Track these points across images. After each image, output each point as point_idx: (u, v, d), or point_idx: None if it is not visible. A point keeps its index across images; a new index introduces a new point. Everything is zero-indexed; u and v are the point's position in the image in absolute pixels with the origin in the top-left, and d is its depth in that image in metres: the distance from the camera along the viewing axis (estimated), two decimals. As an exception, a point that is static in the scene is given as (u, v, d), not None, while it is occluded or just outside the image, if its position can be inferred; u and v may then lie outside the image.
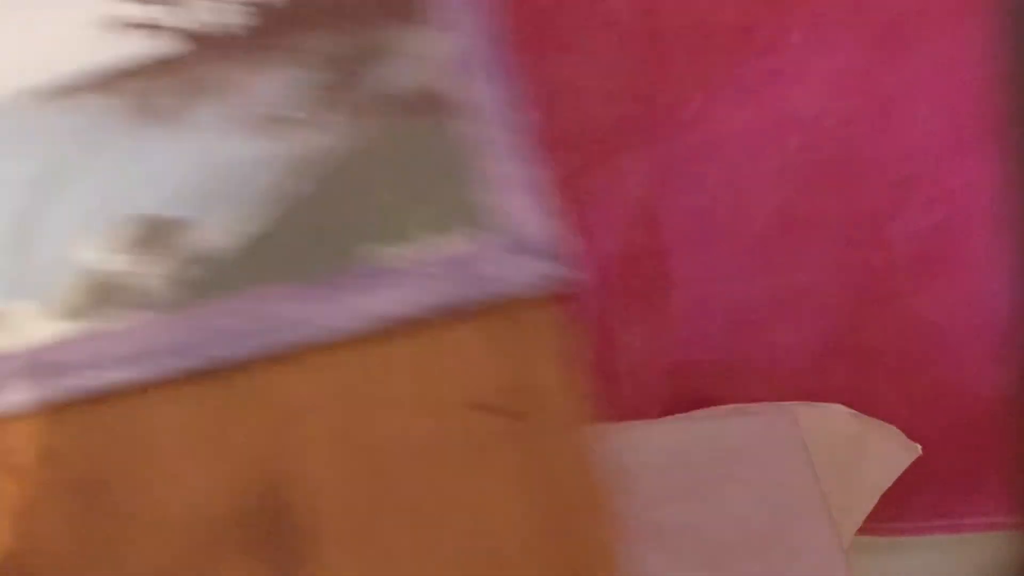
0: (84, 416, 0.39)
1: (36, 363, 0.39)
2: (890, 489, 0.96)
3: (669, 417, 0.94)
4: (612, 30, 0.70)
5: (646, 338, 0.91)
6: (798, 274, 0.87)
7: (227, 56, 0.45)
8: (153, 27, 0.45)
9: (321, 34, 0.45)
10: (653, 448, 0.90)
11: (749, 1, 0.70)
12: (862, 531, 1.01)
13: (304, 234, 0.42)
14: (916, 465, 0.95)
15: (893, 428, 0.95)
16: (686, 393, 0.95)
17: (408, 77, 0.44)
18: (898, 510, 1.04)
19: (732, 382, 0.95)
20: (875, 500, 0.96)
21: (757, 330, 0.92)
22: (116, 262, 0.41)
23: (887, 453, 0.95)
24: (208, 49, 0.45)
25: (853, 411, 0.94)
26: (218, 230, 0.42)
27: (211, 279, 0.41)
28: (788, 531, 0.83)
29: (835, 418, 0.94)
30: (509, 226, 0.41)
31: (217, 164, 0.43)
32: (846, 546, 0.96)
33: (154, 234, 0.42)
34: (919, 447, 0.94)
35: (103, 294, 0.41)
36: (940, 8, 0.71)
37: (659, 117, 0.75)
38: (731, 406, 0.94)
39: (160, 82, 0.45)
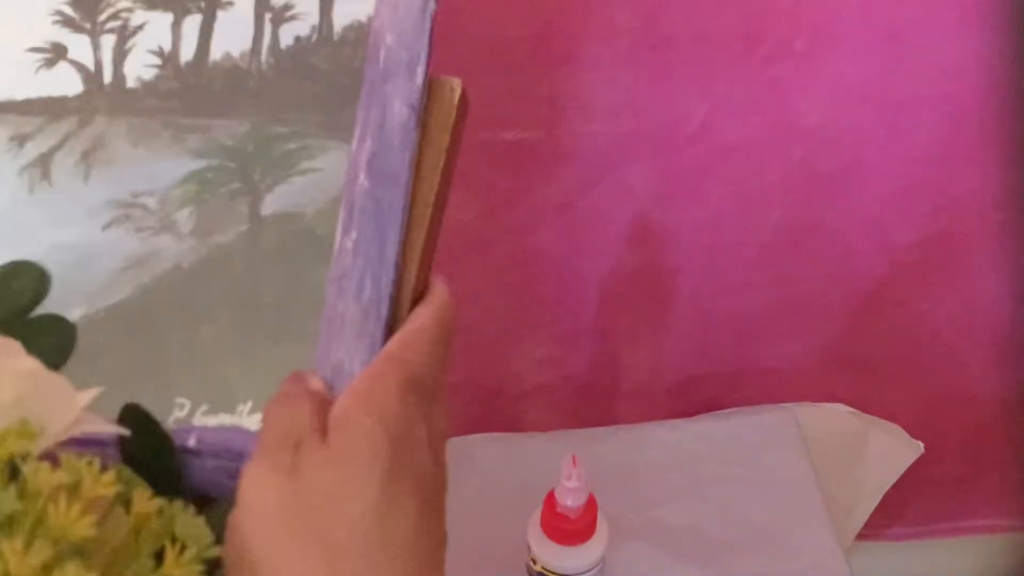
0: None
1: None
2: (890, 493, 0.97)
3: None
4: (615, 41, 0.70)
5: (651, 354, 0.91)
6: (802, 284, 0.87)
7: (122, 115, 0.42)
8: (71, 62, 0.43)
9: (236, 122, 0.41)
10: (653, 448, 0.90)
11: (752, 10, 0.70)
12: (862, 536, 1.01)
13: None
14: (916, 469, 0.96)
15: (895, 426, 0.95)
16: (690, 405, 0.95)
17: (307, 197, 0.40)
18: (898, 514, 1.05)
19: (736, 393, 0.95)
20: (879, 497, 0.97)
21: (761, 341, 0.92)
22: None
23: (889, 451, 0.95)
24: (111, 104, 0.42)
25: (854, 410, 0.94)
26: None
27: None
28: (788, 531, 0.84)
29: (836, 417, 0.94)
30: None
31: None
32: (849, 544, 0.97)
33: None
34: (921, 445, 0.94)
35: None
36: (943, 17, 0.71)
37: (663, 130, 0.75)
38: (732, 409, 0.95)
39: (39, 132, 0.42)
